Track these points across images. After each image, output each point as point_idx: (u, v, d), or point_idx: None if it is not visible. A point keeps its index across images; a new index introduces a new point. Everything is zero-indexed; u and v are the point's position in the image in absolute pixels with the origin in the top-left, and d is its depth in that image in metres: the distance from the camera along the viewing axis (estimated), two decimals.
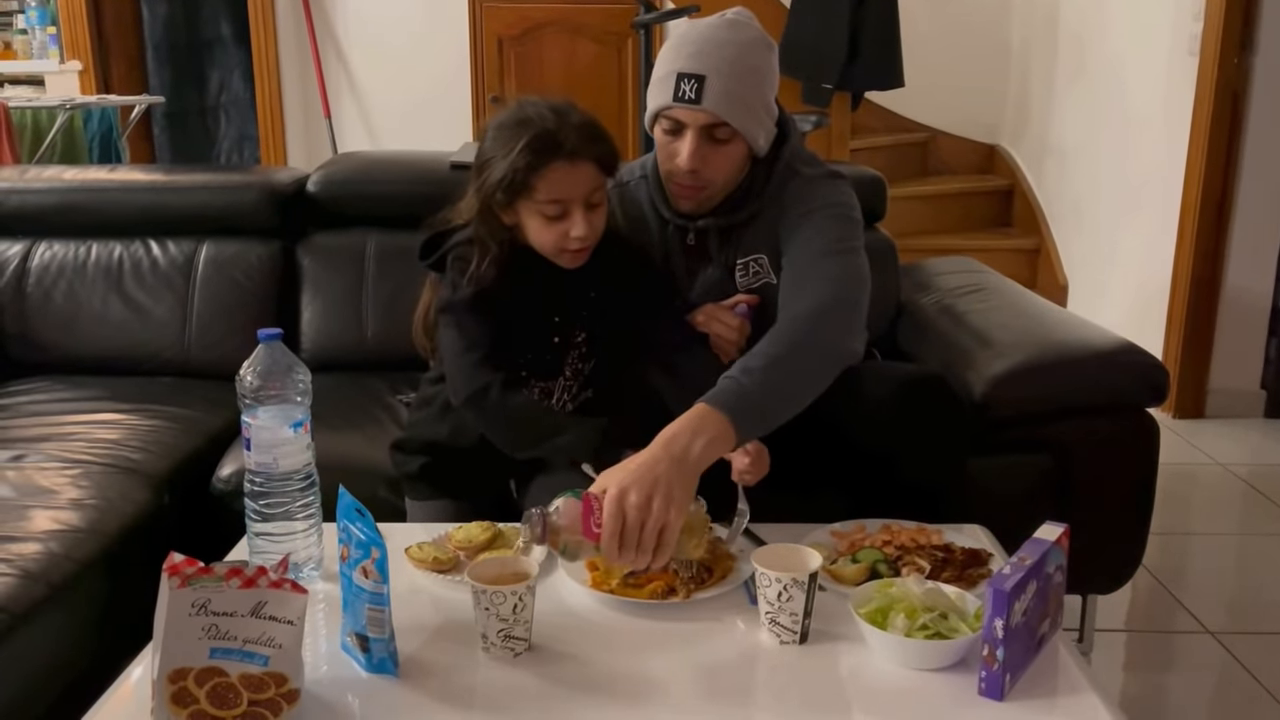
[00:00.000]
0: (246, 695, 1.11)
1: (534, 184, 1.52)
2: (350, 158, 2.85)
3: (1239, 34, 3.45)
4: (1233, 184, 3.57)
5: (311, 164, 2.81)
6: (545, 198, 1.52)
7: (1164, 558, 2.68)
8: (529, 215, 1.56)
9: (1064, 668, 1.25)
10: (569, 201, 1.53)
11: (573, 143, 1.52)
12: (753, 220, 1.73)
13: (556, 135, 1.51)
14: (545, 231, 1.55)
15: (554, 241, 1.55)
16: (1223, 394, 3.71)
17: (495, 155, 1.54)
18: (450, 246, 1.63)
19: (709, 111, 1.60)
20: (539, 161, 1.50)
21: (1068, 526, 1.29)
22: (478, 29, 5.02)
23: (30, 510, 1.71)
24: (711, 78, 1.59)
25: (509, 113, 1.57)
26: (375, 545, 1.18)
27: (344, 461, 1.64)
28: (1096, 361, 2.04)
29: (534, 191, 1.52)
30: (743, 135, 1.64)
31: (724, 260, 1.75)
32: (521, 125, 1.53)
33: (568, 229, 1.54)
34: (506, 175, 1.51)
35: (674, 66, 1.62)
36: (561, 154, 1.51)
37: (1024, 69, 4.97)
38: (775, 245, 1.71)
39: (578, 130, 1.53)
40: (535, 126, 1.52)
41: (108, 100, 4.34)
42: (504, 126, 1.55)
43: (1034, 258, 4.72)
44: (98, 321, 2.48)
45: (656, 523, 1.28)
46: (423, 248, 1.66)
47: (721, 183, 1.68)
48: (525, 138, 1.51)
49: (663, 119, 1.66)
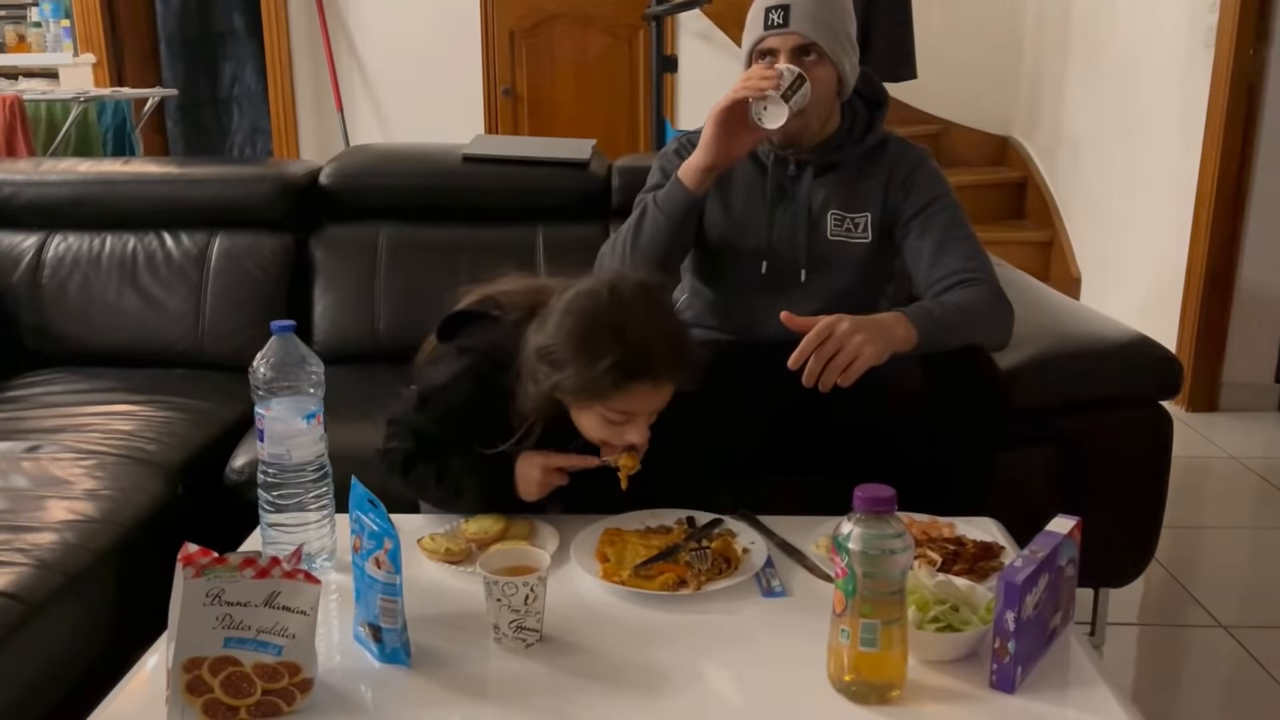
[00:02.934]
0: (260, 684, 1.12)
1: (612, 397, 1.40)
2: (362, 150, 2.86)
3: (1255, 26, 3.43)
4: (1248, 176, 3.54)
5: (324, 156, 2.82)
6: (618, 409, 1.42)
7: (1177, 551, 2.67)
8: (590, 413, 1.44)
9: (1076, 661, 1.25)
10: (638, 414, 1.44)
11: (664, 366, 1.40)
12: (857, 175, 1.85)
13: (650, 357, 1.38)
14: (601, 430, 1.45)
15: (607, 438, 1.46)
16: (1236, 387, 3.69)
17: (572, 355, 1.38)
18: (473, 346, 1.53)
19: (797, 33, 1.75)
20: (625, 382, 1.38)
21: (1080, 519, 1.28)
22: (489, 21, 5.02)
23: (45, 500, 1.72)
24: (795, 5, 1.75)
25: (598, 304, 1.40)
26: (388, 536, 1.19)
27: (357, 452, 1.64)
28: (1110, 354, 2.03)
29: (608, 402, 1.41)
30: (830, 58, 1.77)
31: (813, 201, 1.85)
32: (613, 336, 1.37)
33: (625, 433, 1.44)
34: (585, 387, 1.39)
35: (762, 3, 1.78)
36: (650, 377, 1.40)
37: (1037, 61, 4.94)
38: (883, 207, 1.85)
39: (671, 352, 1.41)
40: (629, 345, 1.36)
41: (121, 93, 4.35)
42: (593, 327, 1.38)
43: (1047, 250, 4.70)
44: (112, 313, 2.49)
45: (851, 352, 1.53)
46: (445, 322, 1.59)
47: (813, 109, 1.78)
48: (615, 356, 1.36)
49: (757, 54, 1.80)
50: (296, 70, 5.14)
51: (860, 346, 1.54)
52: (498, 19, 5.02)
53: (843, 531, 1.13)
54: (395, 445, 1.57)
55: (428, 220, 2.58)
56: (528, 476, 1.51)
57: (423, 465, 1.56)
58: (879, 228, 1.85)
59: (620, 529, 1.51)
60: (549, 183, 2.61)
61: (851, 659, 1.14)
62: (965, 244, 1.82)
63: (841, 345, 1.54)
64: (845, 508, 1.13)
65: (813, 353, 1.54)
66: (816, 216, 1.85)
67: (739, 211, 1.88)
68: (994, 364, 1.76)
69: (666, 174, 1.87)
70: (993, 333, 1.79)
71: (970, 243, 1.83)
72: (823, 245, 1.84)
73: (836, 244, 1.85)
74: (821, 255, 1.84)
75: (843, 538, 1.12)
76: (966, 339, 1.72)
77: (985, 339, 1.77)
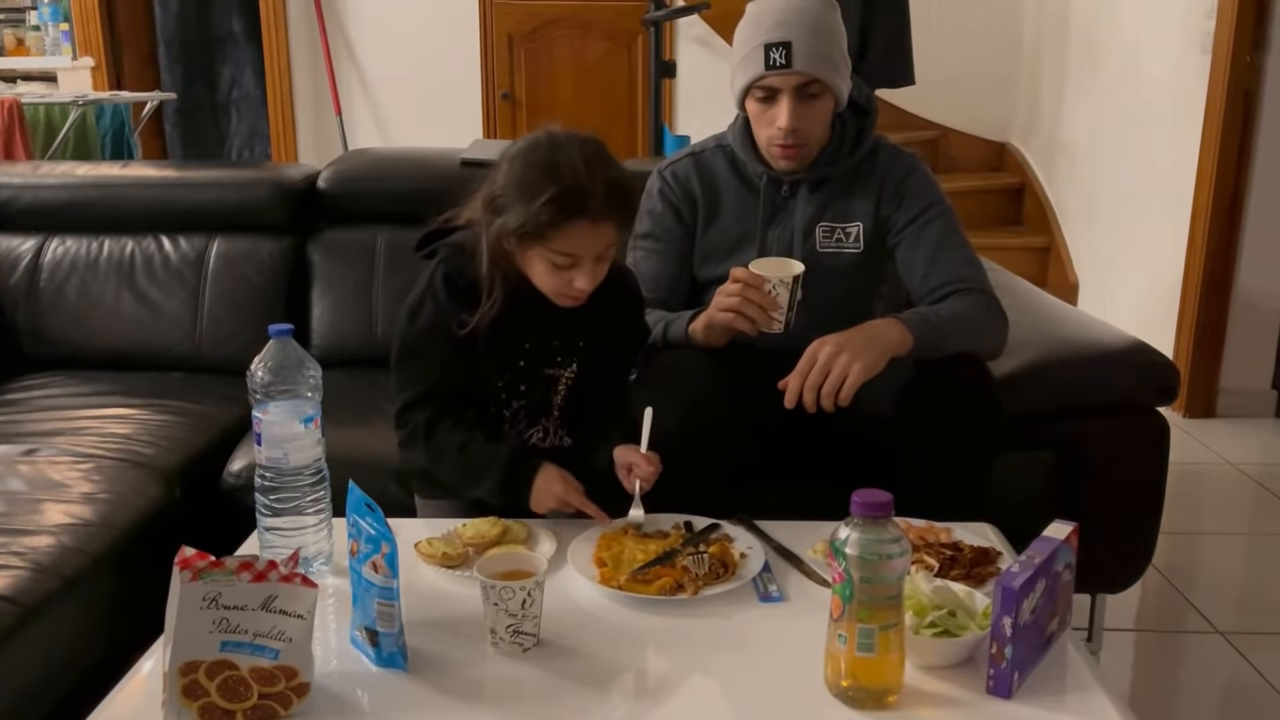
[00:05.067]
0: (257, 688, 1.12)
1: (551, 236, 1.45)
2: (361, 154, 2.86)
3: (1252, 32, 3.43)
4: (1245, 182, 3.55)
5: (322, 160, 2.82)
6: (559, 249, 1.46)
7: (1174, 557, 2.67)
8: (537, 258, 1.49)
9: (1072, 666, 1.25)
10: (581, 256, 1.48)
11: (600, 203, 1.44)
12: (848, 186, 1.86)
13: (585, 193, 1.43)
14: (550, 277, 1.50)
15: (556, 287, 1.51)
16: (1233, 393, 3.69)
17: (514, 197, 1.45)
18: (442, 245, 1.59)
19: (800, 73, 1.74)
20: (561, 218, 1.43)
21: (1077, 525, 1.28)
22: (488, 26, 5.03)
23: (42, 504, 1.72)
24: (797, 42, 1.73)
25: (537, 149, 1.47)
26: (385, 540, 1.18)
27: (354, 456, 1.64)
28: (1107, 360, 2.03)
29: (549, 242, 1.46)
30: (830, 89, 1.77)
31: (806, 216, 1.85)
32: (549, 173, 1.43)
33: (573, 279, 1.49)
34: (525, 224, 1.44)
35: (759, 39, 1.75)
36: (586, 214, 1.44)
37: (1035, 66, 4.95)
38: (875, 217, 1.85)
39: (607, 189, 1.44)
40: (564, 180, 1.42)
41: (120, 96, 4.35)
42: (531, 167, 1.46)
43: (1044, 256, 4.71)
44: (109, 317, 2.49)
45: (840, 373, 1.57)
46: (420, 241, 1.65)
47: (816, 136, 1.82)
48: (551, 191, 1.42)
49: (755, 90, 1.78)
50: (295, 74, 5.15)
51: (848, 365, 1.58)
52: (496, 24, 5.03)
53: (840, 536, 1.13)
54: (416, 412, 1.57)
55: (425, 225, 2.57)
56: (548, 490, 1.52)
57: (446, 434, 1.56)
58: (870, 237, 1.85)
59: (617, 534, 1.51)
60: None
61: (848, 664, 1.14)
62: (959, 253, 1.83)
63: (829, 369, 1.58)
64: (842, 513, 1.13)
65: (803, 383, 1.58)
66: (808, 231, 1.86)
67: (732, 236, 1.89)
68: (988, 370, 1.76)
69: (654, 217, 1.90)
70: (987, 340, 1.79)
71: (964, 251, 1.84)
72: (813, 258, 1.83)
73: (826, 255, 1.85)
74: (811, 268, 1.81)
75: (840, 542, 1.12)
76: (961, 346, 1.72)
77: (980, 346, 1.77)
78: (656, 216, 1.91)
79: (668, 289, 1.89)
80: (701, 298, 1.87)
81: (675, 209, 1.91)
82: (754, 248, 1.86)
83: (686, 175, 1.91)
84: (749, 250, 1.86)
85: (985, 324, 1.79)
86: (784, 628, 1.32)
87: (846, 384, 1.58)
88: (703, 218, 1.90)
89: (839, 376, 1.58)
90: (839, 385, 1.58)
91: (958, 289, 1.78)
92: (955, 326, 1.72)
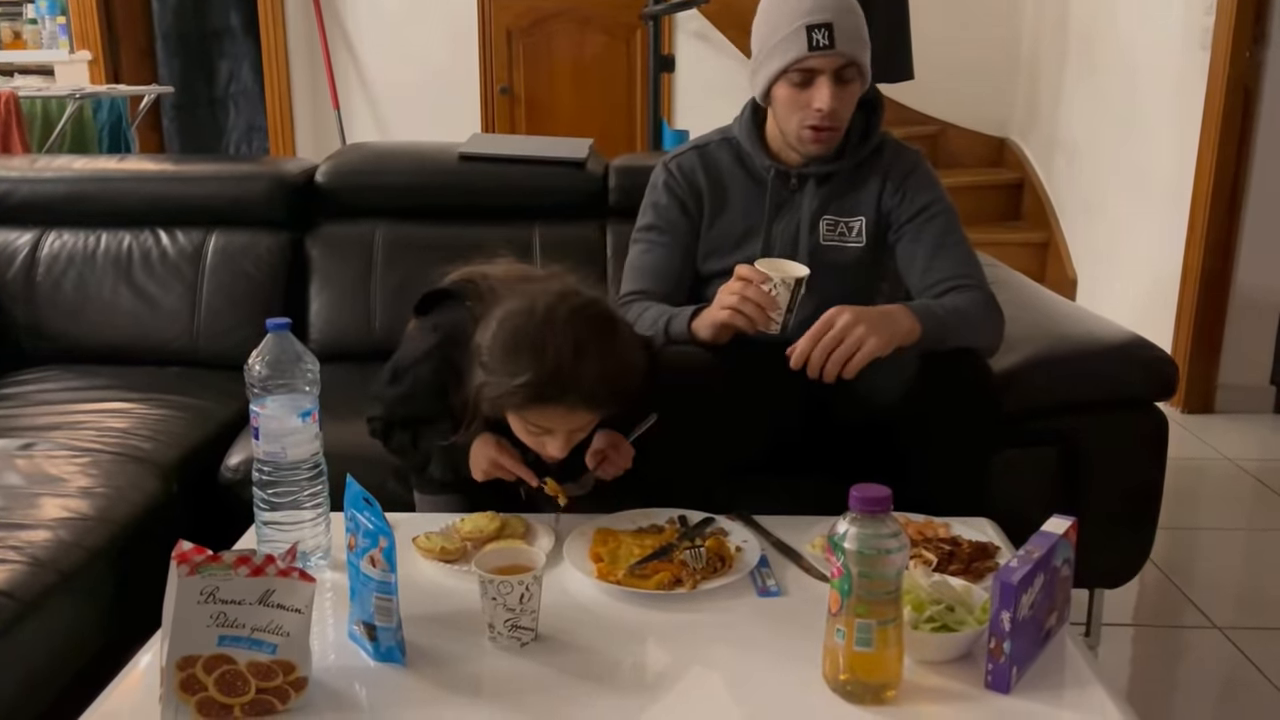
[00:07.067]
0: (254, 683, 1.12)
1: (525, 410, 1.41)
2: (359, 149, 2.85)
3: (1251, 28, 3.43)
4: (1244, 178, 3.55)
5: (320, 155, 2.81)
6: (533, 421, 1.43)
7: (1172, 552, 2.68)
8: (512, 418, 1.45)
9: (1071, 661, 1.25)
10: (556, 430, 1.43)
11: (581, 396, 1.38)
12: (854, 180, 1.85)
13: (565, 386, 1.36)
14: (523, 434, 1.46)
15: (531, 444, 1.47)
16: (1232, 389, 3.70)
17: (495, 363, 1.39)
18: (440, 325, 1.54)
19: (842, 54, 1.72)
20: (537, 402, 1.39)
21: (1076, 520, 1.28)
22: (486, 20, 5.02)
23: (40, 498, 1.72)
24: (837, 23, 1.72)
25: (531, 317, 1.39)
26: (383, 534, 1.18)
27: (352, 451, 1.64)
28: (1105, 356, 2.03)
29: (523, 414, 1.42)
30: (863, 73, 1.78)
31: (812, 209, 1.85)
32: (534, 355, 1.35)
33: (545, 444, 1.45)
34: (500, 396, 1.39)
35: (799, 20, 1.72)
36: (564, 403, 1.39)
37: (1034, 62, 4.95)
38: (878, 211, 1.85)
39: (593, 382, 1.37)
40: (546, 367, 1.35)
41: (117, 90, 4.34)
42: (519, 336, 1.38)
43: (1043, 251, 4.71)
44: (107, 311, 2.49)
45: (854, 343, 1.55)
46: (421, 301, 1.59)
47: (847, 121, 1.82)
48: (530, 375, 1.35)
49: (791, 73, 1.75)
50: (293, 68, 5.14)
51: (863, 338, 1.56)
52: (495, 18, 5.02)
53: (838, 531, 1.13)
54: (376, 414, 1.64)
55: (424, 219, 2.57)
56: (481, 454, 1.54)
57: (399, 432, 1.63)
58: (873, 231, 1.85)
59: (612, 529, 1.51)
60: (546, 182, 2.61)
61: (847, 659, 1.14)
62: (959, 250, 1.83)
63: (843, 337, 1.57)
64: (841, 508, 1.13)
65: (815, 345, 1.56)
66: (813, 224, 1.85)
67: (738, 229, 1.88)
68: (986, 365, 1.77)
69: (659, 210, 1.89)
70: (985, 337, 1.80)
71: (963, 248, 1.84)
72: (817, 252, 1.84)
73: (829, 248, 1.85)
74: (814, 262, 1.82)
75: (838, 537, 1.12)
76: (961, 341, 1.72)
77: (978, 342, 1.77)
78: (661, 209, 1.90)
79: (671, 283, 1.88)
80: (704, 292, 1.86)
81: (681, 202, 1.90)
82: (759, 241, 1.86)
83: (692, 168, 1.90)
84: (754, 244, 1.86)
85: (983, 321, 1.79)
86: (782, 623, 1.32)
87: (857, 356, 1.56)
88: (708, 211, 1.89)
89: (852, 346, 1.56)
90: (849, 355, 1.56)
91: (957, 285, 1.78)
92: (957, 322, 1.73)
